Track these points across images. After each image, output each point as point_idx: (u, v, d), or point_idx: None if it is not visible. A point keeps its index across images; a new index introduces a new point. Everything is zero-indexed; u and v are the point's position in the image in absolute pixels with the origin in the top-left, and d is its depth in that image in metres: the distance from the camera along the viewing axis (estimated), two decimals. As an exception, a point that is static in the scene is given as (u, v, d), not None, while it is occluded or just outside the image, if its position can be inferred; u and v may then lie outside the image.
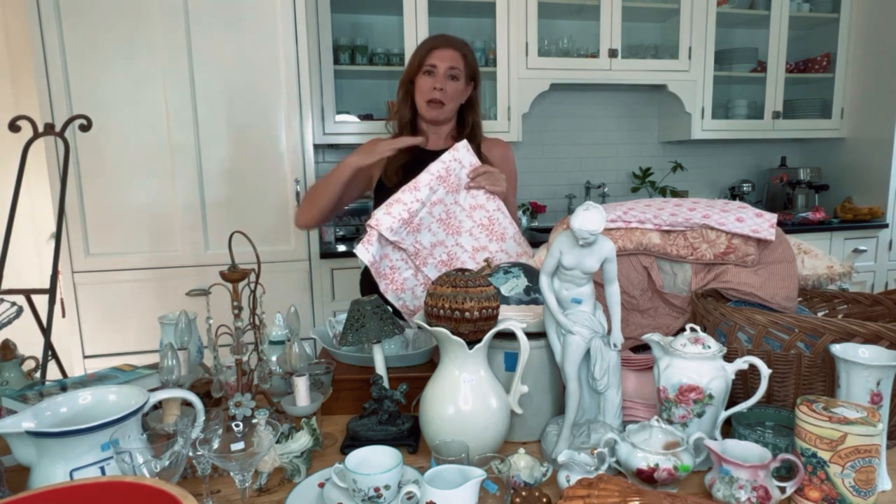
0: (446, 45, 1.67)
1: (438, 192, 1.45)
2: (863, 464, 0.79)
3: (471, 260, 1.50)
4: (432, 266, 1.49)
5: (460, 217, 1.50)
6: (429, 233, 1.47)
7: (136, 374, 1.14)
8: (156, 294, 2.41)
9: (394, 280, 1.46)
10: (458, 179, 1.49)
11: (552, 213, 3.48)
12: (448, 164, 1.47)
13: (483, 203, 1.51)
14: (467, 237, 1.51)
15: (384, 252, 1.43)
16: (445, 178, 1.46)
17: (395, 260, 1.46)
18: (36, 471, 0.82)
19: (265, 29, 2.38)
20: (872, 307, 1.25)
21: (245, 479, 0.81)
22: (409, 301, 1.48)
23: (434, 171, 1.45)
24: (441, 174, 1.46)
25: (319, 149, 3.10)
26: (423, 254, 1.47)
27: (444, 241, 1.49)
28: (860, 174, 3.47)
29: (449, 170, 1.47)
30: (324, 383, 1.12)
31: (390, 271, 1.46)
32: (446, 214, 1.48)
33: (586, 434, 0.99)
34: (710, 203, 1.29)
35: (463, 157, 1.49)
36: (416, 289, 1.48)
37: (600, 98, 3.53)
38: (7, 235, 1.60)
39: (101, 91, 2.29)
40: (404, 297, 1.47)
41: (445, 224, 1.48)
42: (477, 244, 1.51)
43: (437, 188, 1.45)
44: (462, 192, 1.50)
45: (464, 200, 1.50)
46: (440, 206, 1.47)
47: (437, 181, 1.45)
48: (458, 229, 1.50)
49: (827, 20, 3.46)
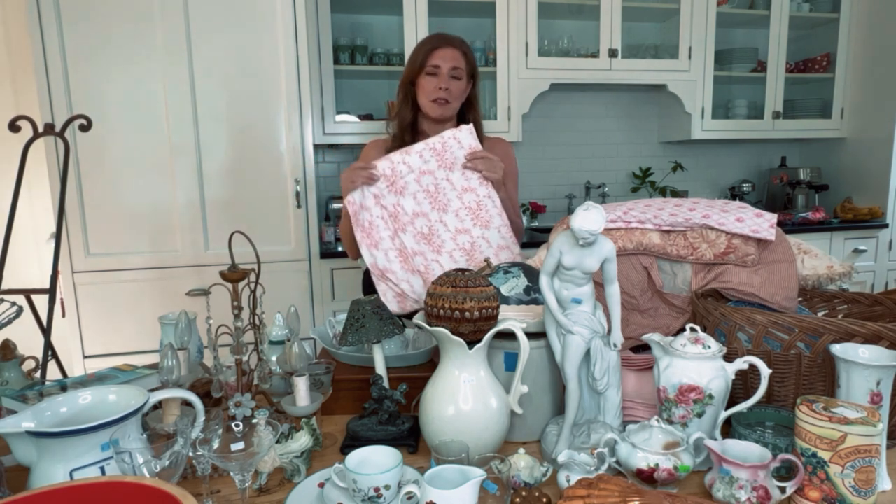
0: (447, 44, 1.67)
1: (430, 163, 1.48)
2: (863, 464, 0.79)
3: (451, 241, 1.51)
4: (410, 235, 1.49)
5: (449, 195, 1.51)
6: (413, 200, 1.49)
7: (136, 374, 1.14)
8: (156, 294, 2.41)
9: (370, 235, 1.48)
10: (453, 157, 1.50)
11: (552, 213, 3.48)
12: (446, 140, 1.49)
13: (475, 187, 1.52)
14: (452, 217, 1.52)
15: (365, 203, 1.46)
16: (440, 153, 1.49)
17: (374, 217, 1.48)
18: (36, 471, 0.82)
19: (265, 29, 2.38)
20: (872, 307, 1.25)
21: (245, 479, 0.81)
22: (381, 261, 1.48)
23: (430, 143, 1.49)
24: (436, 148, 1.49)
25: (319, 149, 3.10)
26: (402, 219, 1.49)
27: (427, 214, 1.50)
28: (860, 174, 3.47)
29: (446, 145, 1.49)
30: (324, 383, 1.12)
31: (368, 225, 1.48)
32: (435, 188, 1.50)
33: (586, 434, 0.99)
34: (710, 203, 1.29)
35: (464, 138, 1.51)
36: (389, 252, 1.49)
37: (600, 98, 3.53)
38: (7, 235, 1.60)
39: (101, 91, 2.29)
40: (377, 254, 1.48)
41: (433, 197, 1.50)
42: (461, 226, 1.52)
43: (429, 159, 1.48)
44: (457, 171, 1.51)
45: (456, 180, 1.51)
46: (429, 177, 1.49)
47: (430, 152, 1.48)
48: (445, 207, 1.51)
49: (827, 20, 3.46)
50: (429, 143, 1.49)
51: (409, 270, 1.49)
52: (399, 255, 1.48)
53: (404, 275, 1.49)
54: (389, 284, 1.49)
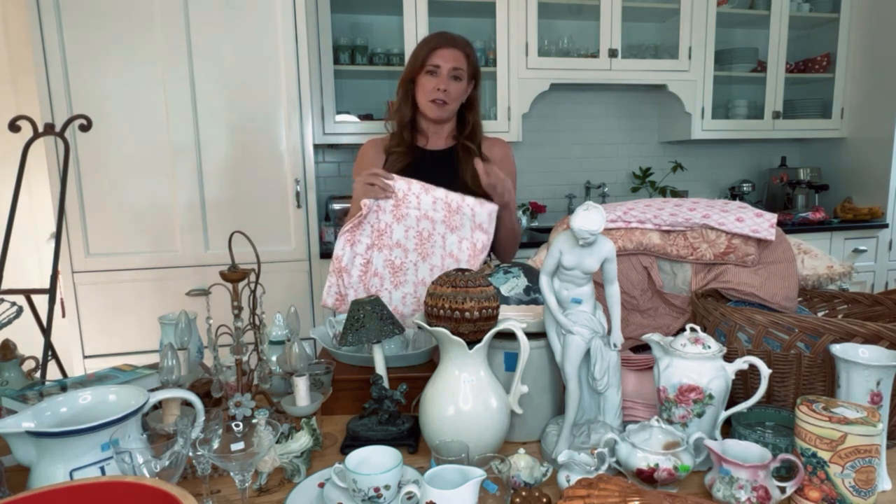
0: (449, 44, 1.65)
1: (438, 214, 1.46)
2: (863, 464, 0.79)
3: (412, 285, 1.48)
4: (382, 258, 1.47)
5: (436, 250, 1.48)
6: (403, 232, 1.46)
7: (136, 374, 1.14)
8: (156, 294, 2.41)
9: (354, 232, 1.45)
10: (460, 223, 1.47)
11: (552, 213, 3.48)
12: (463, 206, 1.46)
13: (461, 259, 1.49)
14: (427, 268, 1.49)
15: (370, 206, 1.45)
16: (452, 212, 1.46)
17: (367, 221, 1.45)
18: (36, 471, 0.82)
19: (265, 29, 2.38)
20: (872, 307, 1.25)
21: (245, 479, 0.81)
22: (346, 259, 1.44)
23: (450, 197, 1.46)
24: (451, 205, 1.46)
25: (319, 149, 3.10)
26: (384, 240, 1.46)
27: (408, 251, 1.48)
28: (860, 174, 3.47)
29: (461, 209, 1.46)
30: (324, 383, 1.12)
31: (358, 223, 1.45)
32: (428, 236, 1.47)
33: (586, 434, 0.98)
34: (710, 203, 1.29)
35: (480, 214, 1.47)
36: (357, 258, 1.46)
37: (600, 98, 3.53)
38: (7, 235, 1.60)
39: (101, 91, 2.29)
40: (346, 250, 1.45)
41: (420, 241, 1.47)
42: (428, 279, 1.49)
43: (439, 209, 1.46)
44: (455, 235, 1.48)
45: (449, 244, 1.48)
46: (429, 224, 1.47)
47: (444, 205, 1.46)
48: (426, 256, 1.48)
49: (827, 20, 3.46)
50: (449, 195, 1.46)
51: (363, 285, 1.47)
52: (363, 266, 1.46)
53: (356, 284, 1.46)
54: (339, 283, 1.46)
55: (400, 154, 1.68)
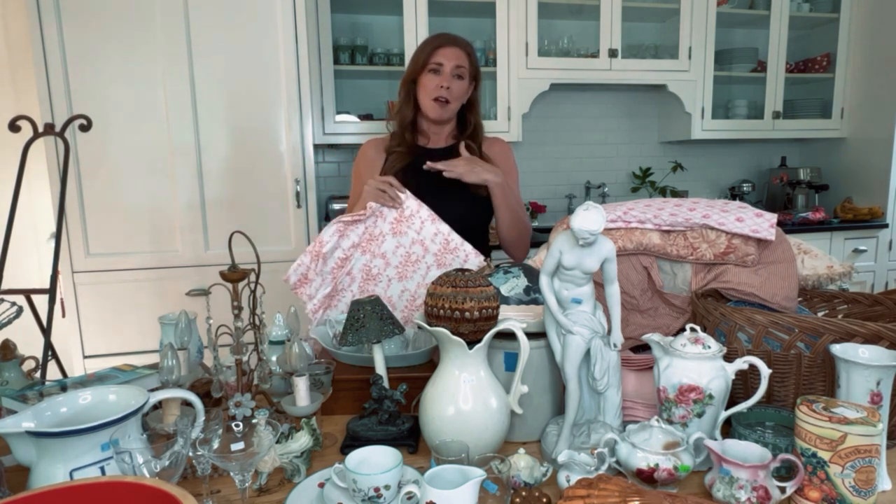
0: (452, 43, 1.66)
1: (432, 246, 1.47)
2: (863, 464, 0.79)
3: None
4: (362, 263, 1.48)
5: (416, 278, 1.49)
6: (392, 249, 1.48)
7: (136, 374, 1.14)
8: (156, 294, 2.41)
9: (347, 227, 1.46)
10: (450, 261, 1.48)
11: (552, 213, 3.48)
12: (458, 248, 1.47)
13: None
14: (399, 288, 1.50)
15: (373, 208, 1.45)
16: (446, 249, 1.47)
17: (365, 221, 1.46)
18: (36, 471, 0.82)
19: (265, 29, 2.38)
20: (872, 307, 1.25)
21: (245, 479, 0.81)
22: (328, 246, 1.44)
23: (452, 235, 1.47)
24: (447, 243, 1.47)
25: (319, 149, 3.10)
26: (371, 248, 1.47)
27: (389, 264, 1.48)
28: (860, 174, 3.47)
29: (456, 250, 1.47)
30: (324, 383, 1.12)
31: (352, 220, 1.46)
32: (414, 260, 1.48)
33: (586, 434, 0.99)
34: (710, 203, 1.29)
35: (472, 262, 1.47)
36: (337, 250, 1.46)
37: (600, 98, 3.53)
38: (7, 235, 1.60)
39: (101, 91, 2.29)
40: (331, 241, 1.44)
41: (405, 262, 1.48)
42: (394, 301, 1.50)
43: (435, 242, 1.47)
44: (437, 271, 1.49)
45: (431, 277, 1.49)
46: (420, 250, 1.48)
47: (443, 240, 1.47)
48: (403, 277, 1.49)
49: (827, 20, 3.46)
50: (452, 234, 1.47)
51: (333, 277, 1.46)
52: (340, 261, 1.46)
53: (325, 274, 1.45)
54: (311, 266, 1.45)
55: (401, 154, 1.68)
